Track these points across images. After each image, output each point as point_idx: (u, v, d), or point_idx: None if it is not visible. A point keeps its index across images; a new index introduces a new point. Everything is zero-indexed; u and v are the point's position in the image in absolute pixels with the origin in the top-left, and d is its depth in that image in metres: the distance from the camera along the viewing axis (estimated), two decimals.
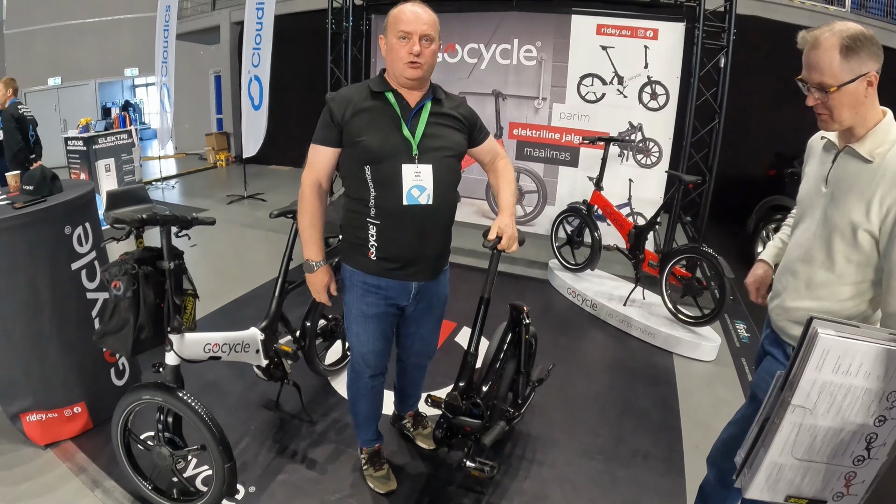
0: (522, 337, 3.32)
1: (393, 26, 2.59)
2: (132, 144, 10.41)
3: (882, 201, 1.90)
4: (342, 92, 2.74)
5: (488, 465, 2.95)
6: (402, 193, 2.66)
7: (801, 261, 2.20)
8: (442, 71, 7.27)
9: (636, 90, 6.48)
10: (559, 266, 6.63)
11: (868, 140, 2.02)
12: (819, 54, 2.02)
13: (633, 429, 3.90)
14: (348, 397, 3.23)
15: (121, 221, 2.69)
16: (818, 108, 2.09)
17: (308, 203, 2.76)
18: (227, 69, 15.20)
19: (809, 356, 1.57)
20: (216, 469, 2.82)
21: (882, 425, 1.64)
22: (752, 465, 1.78)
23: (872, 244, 1.96)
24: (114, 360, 3.77)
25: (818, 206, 2.16)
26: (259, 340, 3.28)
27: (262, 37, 9.11)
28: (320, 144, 2.72)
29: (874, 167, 1.96)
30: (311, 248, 2.81)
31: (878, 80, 2.00)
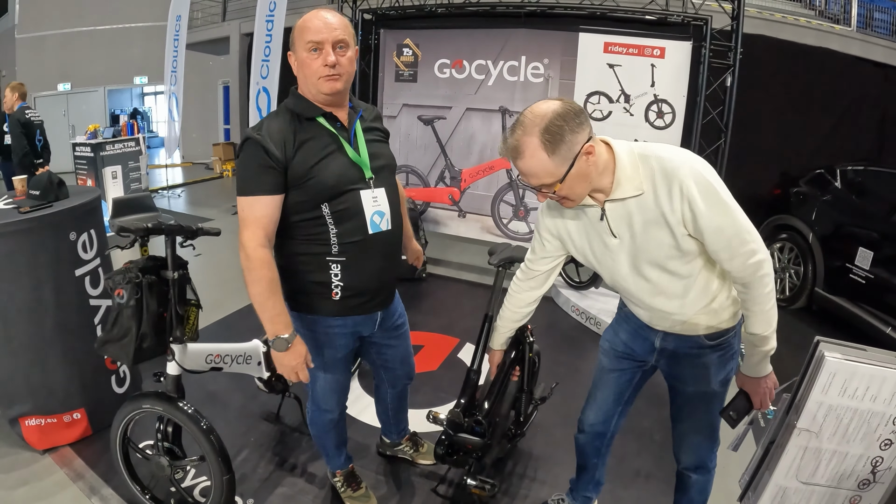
0: (526, 355, 3.30)
1: (300, 38, 2.30)
2: (139, 152, 10.45)
3: (673, 210, 1.99)
4: (271, 126, 2.34)
5: (489, 484, 2.93)
6: (367, 223, 2.47)
7: (654, 297, 2.29)
8: (449, 87, 7.30)
9: (643, 108, 6.49)
10: (564, 284, 6.62)
11: (623, 184, 2.08)
12: (527, 162, 2.01)
13: (635, 449, 3.87)
14: (313, 433, 3.08)
15: (126, 230, 2.70)
16: (553, 199, 2.13)
17: (263, 269, 2.31)
18: (236, 80, 15.26)
19: (816, 379, 1.56)
20: (214, 481, 2.80)
21: (888, 449, 1.65)
22: (756, 488, 1.78)
23: (695, 241, 2.05)
24: (115, 367, 3.78)
25: (618, 256, 2.25)
26: (261, 352, 3.27)
27: (272, 49, 9.15)
28: (263, 194, 2.30)
29: (647, 195, 2.05)
30: (278, 322, 2.36)
31: (594, 143, 2.02)
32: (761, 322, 2.09)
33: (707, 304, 2.24)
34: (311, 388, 2.89)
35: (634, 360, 2.63)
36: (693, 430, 2.57)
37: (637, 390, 2.77)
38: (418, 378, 4.53)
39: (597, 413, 2.82)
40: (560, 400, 3.86)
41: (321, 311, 2.58)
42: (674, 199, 1.98)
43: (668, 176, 1.99)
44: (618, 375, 2.70)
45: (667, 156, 2.04)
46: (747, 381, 2.26)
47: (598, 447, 2.93)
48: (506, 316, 2.76)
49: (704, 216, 1.96)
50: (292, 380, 2.47)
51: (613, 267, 2.29)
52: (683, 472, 2.74)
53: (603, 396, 2.78)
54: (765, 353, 2.15)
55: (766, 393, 2.23)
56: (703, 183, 1.96)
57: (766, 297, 2.05)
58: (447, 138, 7.42)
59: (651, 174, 2.03)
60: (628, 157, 2.08)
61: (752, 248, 2.00)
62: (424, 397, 4.34)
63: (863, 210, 6.13)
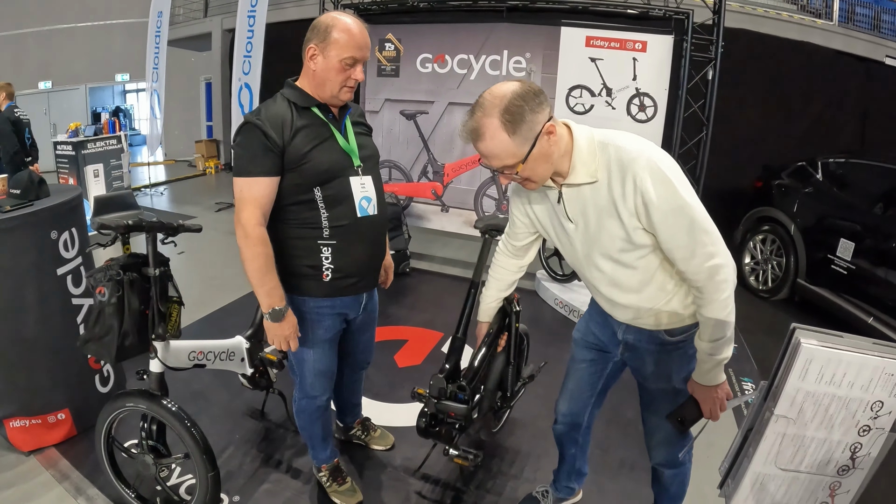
0: (512, 325, 3.25)
1: (341, 49, 2.42)
2: (121, 150, 10.39)
3: (626, 201, 1.99)
4: (269, 112, 2.47)
5: (472, 454, 2.94)
6: (356, 207, 2.61)
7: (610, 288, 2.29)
8: (431, 81, 7.30)
9: (624, 102, 6.51)
10: (547, 277, 6.63)
11: (579, 169, 2.07)
12: (488, 144, 2.00)
13: (619, 439, 3.90)
14: (300, 424, 3.12)
15: (106, 227, 2.68)
16: (514, 180, 2.10)
17: (260, 245, 2.45)
18: (218, 76, 15.19)
19: (792, 366, 1.57)
20: (199, 478, 2.80)
21: (866, 435, 1.65)
22: (735, 475, 1.79)
23: (648, 234, 2.04)
24: (98, 366, 3.75)
25: (574, 242, 2.27)
26: (244, 349, 3.26)
27: (254, 45, 9.10)
28: (261, 176, 2.42)
29: (601, 183, 2.04)
30: (274, 295, 2.51)
31: (555, 124, 2.01)
32: (715, 330, 2.07)
33: (665, 302, 2.23)
34: (298, 375, 2.93)
35: (603, 352, 2.64)
36: (660, 427, 2.56)
37: (609, 382, 2.79)
38: (403, 372, 4.58)
39: (570, 403, 2.85)
40: (543, 392, 3.88)
41: (311, 292, 2.68)
42: (627, 190, 1.97)
43: (624, 166, 1.97)
44: (587, 366, 2.72)
45: (626, 146, 2.01)
46: (698, 388, 2.25)
47: (574, 437, 2.96)
48: (491, 286, 2.78)
49: (657, 210, 1.94)
50: (283, 348, 2.62)
51: (572, 252, 2.31)
52: (657, 468, 2.76)
53: (575, 387, 2.80)
54: (718, 361, 2.13)
55: (716, 402, 2.22)
56: (659, 176, 1.93)
57: (722, 303, 2.03)
58: (429, 133, 7.42)
59: (607, 163, 2.02)
60: (587, 143, 2.07)
61: (710, 251, 1.98)
62: (409, 391, 4.30)
63: (844, 202, 6.19)
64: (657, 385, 2.47)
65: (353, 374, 3.40)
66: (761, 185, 7.46)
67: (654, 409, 2.54)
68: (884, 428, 1.63)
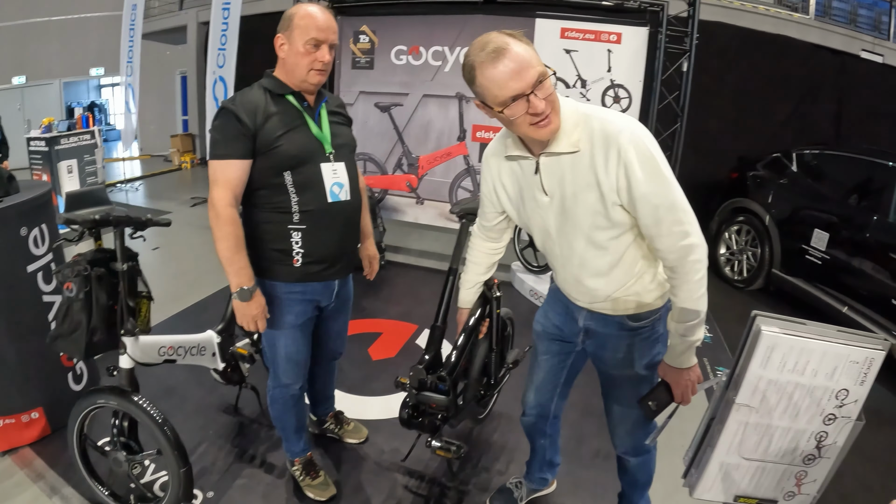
0: (493, 311, 3.23)
1: (302, 32, 2.49)
2: (95, 145, 10.28)
3: (608, 174, 1.97)
4: (244, 98, 2.56)
5: (455, 445, 2.94)
6: (326, 192, 2.67)
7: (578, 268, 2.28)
8: (406, 73, 7.30)
9: (599, 93, 6.55)
10: (522, 268, 6.65)
11: (561, 137, 2.02)
12: (519, 49, 1.87)
13: (593, 430, 3.91)
14: (273, 414, 3.13)
15: (73, 222, 2.67)
16: (547, 109, 1.92)
17: (230, 225, 2.51)
18: (194, 70, 15.07)
19: (753, 354, 1.56)
20: (171, 473, 2.78)
21: (832, 423, 1.65)
22: (699, 464, 1.78)
23: (625, 212, 2.03)
24: (71, 364, 3.72)
25: (547, 216, 2.22)
26: (215, 343, 3.24)
27: (228, 37, 9.04)
28: (233, 158, 2.50)
29: (583, 153, 2.01)
30: (243, 275, 2.56)
31: None
32: (688, 311, 2.07)
33: (629, 285, 2.23)
34: (271, 363, 2.96)
35: (564, 342, 2.64)
36: (624, 415, 2.58)
37: (573, 374, 2.79)
38: (377, 365, 4.58)
39: (535, 395, 2.85)
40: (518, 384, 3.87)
41: (282, 276, 2.72)
42: (610, 162, 1.95)
43: (608, 139, 1.94)
44: (549, 358, 2.72)
45: (611, 119, 1.99)
46: (669, 371, 2.24)
47: (542, 428, 2.97)
48: (470, 270, 2.78)
49: (640, 184, 1.93)
50: (251, 329, 2.64)
51: (542, 226, 2.27)
52: (623, 457, 2.78)
53: (538, 379, 2.80)
54: (690, 343, 2.14)
55: (687, 386, 2.23)
56: (643, 151, 1.92)
57: (695, 284, 2.03)
58: (404, 125, 7.43)
59: (590, 134, 1.99)
60: (572, 113, 2.03)
61: (686, 230, 1.99)
62: (383, 385, 4.36)
63: (818, 193, 6.26)
64: (620, 372, 2.47)
65: (326, 365, 3.42)
66: (736, 177, 7.52)
67: (618, 398, 2.56)
68: (850, 416, 1.63)
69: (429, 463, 3.55)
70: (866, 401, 1.66)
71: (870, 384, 1.59)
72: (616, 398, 2.57)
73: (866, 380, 1.59)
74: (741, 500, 1.80)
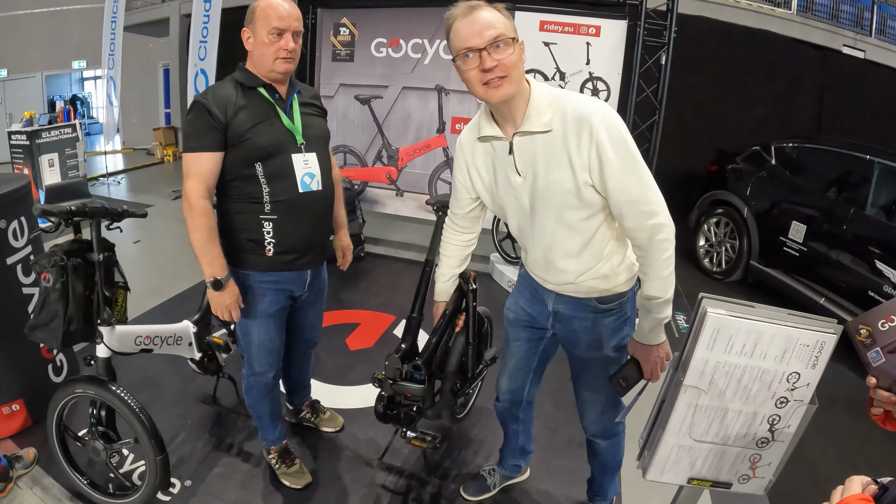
0: (469, 304, 3.24)
1: (264, 22, 2.55)
2: (76, 139, 10.21)
3: (580, 153, 2.03)
4: (215, 92, 2.61)
5: (430, 435, 2.97)
6: (297, 182, 2.71)
7: (549, 249, 2.32)
8: (385, 66, 7.31)
9: (578, 86, 6.57)
10: (500, 259, 6.70)
11: (533, 117, 2.10)
12: (490, 11, 2.00)
13: (568, 419, 3.94)
14: (248, 402, 3.17)
15: (49, 213, 2.67)
16: (497, 71, 1.99)
17: (203, 217, 2.56)
18: (176, 62, 14.98)
19: (700, 336, 1.59)
20: (148, 461, 2.81)
21: (784, 407, 1.67)
22: (651, 446, 1.81)
23: (596, 193, 2.09)
24: (51, 356, 3.74)
25: (521, 196, 2.28)
26: (191, 333, 3.26)
27: (209, 30, 8.98)
28: (204, 151, 2.55)
29: (556, 132, 2.07)
30: (216, 265, 2.62)
31: None
32: (656, 287, 2.13)
33: (598, 267, 2.28)
34: (246, 352, 3.00)
35: (535, 328, 2.69)
36: (593, 398, 2.62)
37: (545, 359, 2.84)
38: (355, 355, 4.61)
39: (508, 381, 2.91)
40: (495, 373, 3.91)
41: (254, 266, 2.77)
42: (582, 142, 2.01)
43: (580, 119, 2.01)
44: (520, 345, 2.77)
45: (584, 101, 2.07)
46: (639, 348, 2.29)
47: (515, 414, 3.02)
48: (444, 263, 2.80)
49: (611, 165, 1.99)
50: (225, 318, 2.71)
51: (516, 207, 2.32)
52: (592, 440, 2.83)
53: (511, 365, 2.85)
54: (658, 320, 2.19)
55: (656, 362, 2.28)
56: (615, 132, 1.99)
57: (663, 262, 2.09)
58: (384, 117, 7.45)
59: (563, 115, 2.05)
60: (545, 94, 2.10)
61: (654, 210, 2.04)
62: (360, 374, 4.41)
63: (796, 186, 6.32)
64: (589, 354, 2.52)
65: (301, 354, 3.46)
66: (716, 169, 7.57)
67: (587, 381, 2.60)
68: (802, 400, 1.66)
69: (404, 452, 3.59)
70: (839, 388, 1.70)
71: (822, 368, 1.62)
72: (586, 381, 2.61)
73: (818, 363, 1.61)
74: (695, 483, 1.83)
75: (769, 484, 1.83)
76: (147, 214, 3.15)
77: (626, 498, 3.30)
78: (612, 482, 3.03)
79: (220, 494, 3.20)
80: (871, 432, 4.08)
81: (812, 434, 1.75)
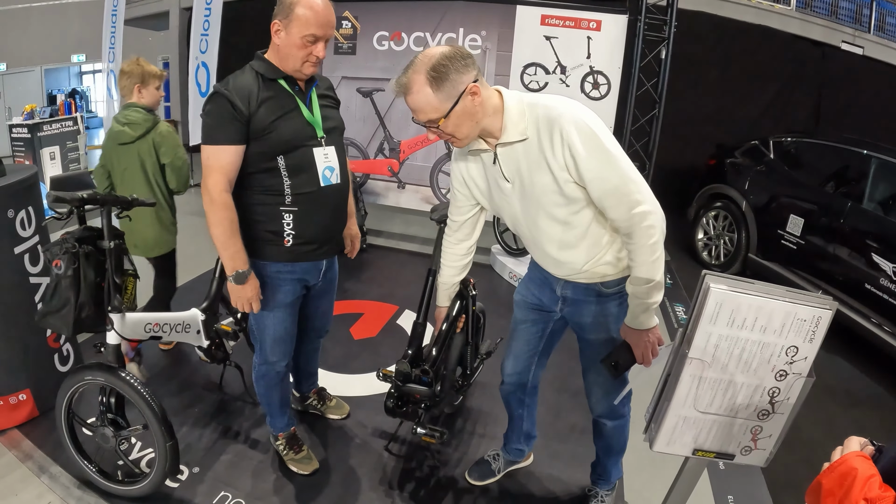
0: (469, 308, 3.38)
1: (303, 25, 2.47)
2: (77, 131, 10.23)
3: (555, 155, 2.14)
4: (236, 83, 2.54)
5: (438, 431, 3.05)
6: (319, 176, 2.71)
7: (549, 244, 2.41)
8: (388, 59, 7.32)
9: (578, 80, 6.61)
10: (501, 251, 6.74)
11: (509, 128, 2.22)
12: (414, 98, 2.14)
13: (569, 405, 4.03)
14: (259, 391, 3.20)
15: (61, 200, 2.68)
16: (442, 137, 2.24)
17: (226, 210, 2.54)
18: (176, 56, 14.96)
19: (703, 310, 1.65)
20: (158, 448, 2.83)
21: (783, 380, 1.73)
22: (657, 418, 1.86)
23: (579, 188, 2.18)
24: (57, 345, 3.75)
25: (512, 201, 2.39)
26: (199, 321, 3.28)
27: (211, 23, 9.00)
28: (227, 144, 2.51)
29: (532, 140, 2.19)
30: (238, 258, 2.61)
31: (480, 86, 2.14)
32: (643, 272, 2.19)
33: (600, 255, 2.36)
34: (259, 341, 3.01)
35: (543, 311, 2.75)
36: (599, 379, 2.69)
37: (552, 343, 2.91)
38: (359, 344, 4.64)
39: (514, 363, 2.96)
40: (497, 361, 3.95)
41: (272, 257, 2.77)
42: (555, 144, 2.11)
43: (551, 122, 2.12)
44: (528, 326, 2.83)
45: (552, 104, 2.17)
46: (630, 332, 2.36)
47: (520, 398, 3.08)
48: (445, 272, 2.86)
49: (584, 161, 2.08)
50: (246, 310, 2.73)
51: (511, 211, 2.43)
52: (598, 420, 2.88)
53: (518, 347, 2.91)
54: (647, 305, 2.26)
55: (647, 346, 2.34)
56: (584, 130, 2.08)
57: (650, 248, 2.16)
58: (386, 110, 7.47)
59: (536, 120, 2.17)
60: (517, 104, 2.22)
61: (637, 199, 2.11)
62: (365, 363, 4.47)
63: (794, 180, 6.36)
64: (596, 336, 2.59)
65: (311, 343, 3.48)
66: (714, 163, 7.61)
67: (594, 362, 2.65)
68: (800, 373, 1.72)
69: (409, 440, 3.64)
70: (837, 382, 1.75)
71: (819, 342, 1.67)
72: (593, 362, 2.66)
73: (815, 338, 1.67)
74: (699, 454, 1.88)
75: (770, 456, 1.87)
76: (156, 203, 3.18)
77: (627, 483, 3.36)
78: (616, 466, 3.08)
79: (228, 481, 3.23)
80: (865, 421, 4.14)
81: (809, 422, 1.81)
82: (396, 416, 3.21)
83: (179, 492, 3.15)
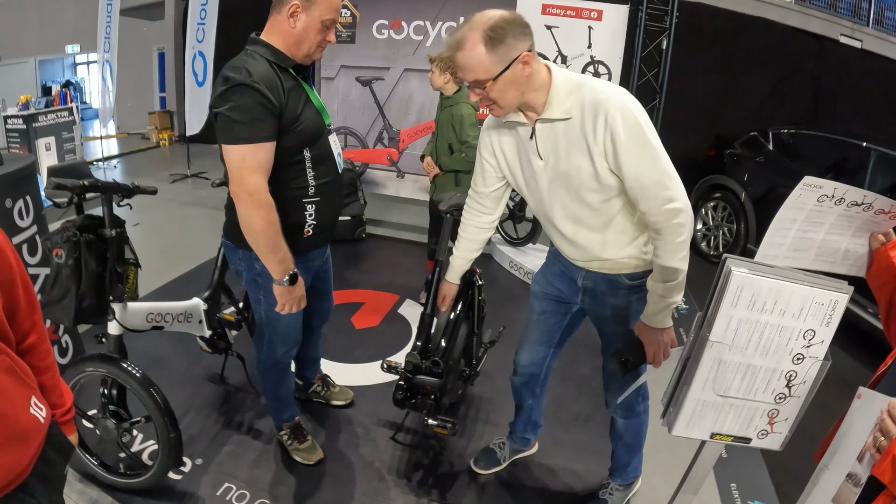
0: (475, 298, 3.38)
1: (326, 9, 2.39)
2: (73, 122, 10.16)
3: (596, 139, 2.09)
4: (258, 72, 2.32)
5: (450, 422, 3.03)
6: (337, 163, 2.70)
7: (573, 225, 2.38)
8: (388, 48, 7.28)
9: (579, 69, 6.56)
10: (501, 240, 6.74)
11: (554, 105, 2.17)
12: (466, 55, 2.08)
13: (574, 395, 4.02)
14: (266, 384, 3.16)
15: (62, 187, 2.65)
16: (484, 101, 2.18)
17: (273, 212, 2.37)
18: (171, 46, 14.91)
19: (724, 293, 1.64)
20: (161, 440, 2.81)
21: (800, 363, 1.72)
22: (676, 403, 1.84)
23: (614, 176, 2.15)
24: (56, 337, 3.73)
25: (540, 178, 2.34)
26: (202, 311, 3.27)
27: (208, 11, 8.97)
28: (265, 141, 2.33)
29: (575, 120, 2.14)
30: (289, 259, 2.49)
31: (532, 57, 2.10)
32: (668, 271, 2.17)
33: (623, 245, 2.34)
34: (268, 336, 2.93)
35: (562, 302, 2.73)
36: (616, 374, 2.64)
37: (567, 333, 2.89)
38: (361, 333, 4.65)
39: (529, 354, 2.94)
40: (500, 350, 3.94)
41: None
42: (598, 128, 2.07)
43: (597, 106, 2.07)
44: (547, 317, 2.81)
45: (601, 88, 2.12)
46: (644, 330, 2.33)
47: (532, 388, 3.06)
48: (461, 246, 2.82)
49: (625, 150, 2.05)
50: (294, 311, 2.64)
51: (538, 190, 2.38)
52: (613, 416, 2.86)
53: (534, 338, 2.89)
54: (667, 304, 2.23)
55: (660, 347, 2.31)
56: (629, 118, 2.04)
57: (677, 246, 2.13)
58: (385, 99, 7.44)
59: (581, 102, 2.11)
60: (565, 82, 2.16)
61: (671, 195, 2.08)
62: (367, 351, 4.47)
63: (793, 171, 6.33)
64: (616, 329, 2.57)
65: (316, 328, 3.44)
66: (713, 154, 7.62)
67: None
68: (817, 356, 1.71)
69: (415, 428, 3.64)
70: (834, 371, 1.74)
71: (835, 326, 1.67)
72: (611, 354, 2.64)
73: (832, 321, 1.66)
74: (717, 437, 1.87)
75: (785, 440, 1.86)
76: (157, 191, 3.14)
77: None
78: (633, 463, 3.03)
79: (232, 472, 3.22)
80: None
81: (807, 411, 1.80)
82: (405, 408, 3.19)
83: (182, 484, 3.13)
